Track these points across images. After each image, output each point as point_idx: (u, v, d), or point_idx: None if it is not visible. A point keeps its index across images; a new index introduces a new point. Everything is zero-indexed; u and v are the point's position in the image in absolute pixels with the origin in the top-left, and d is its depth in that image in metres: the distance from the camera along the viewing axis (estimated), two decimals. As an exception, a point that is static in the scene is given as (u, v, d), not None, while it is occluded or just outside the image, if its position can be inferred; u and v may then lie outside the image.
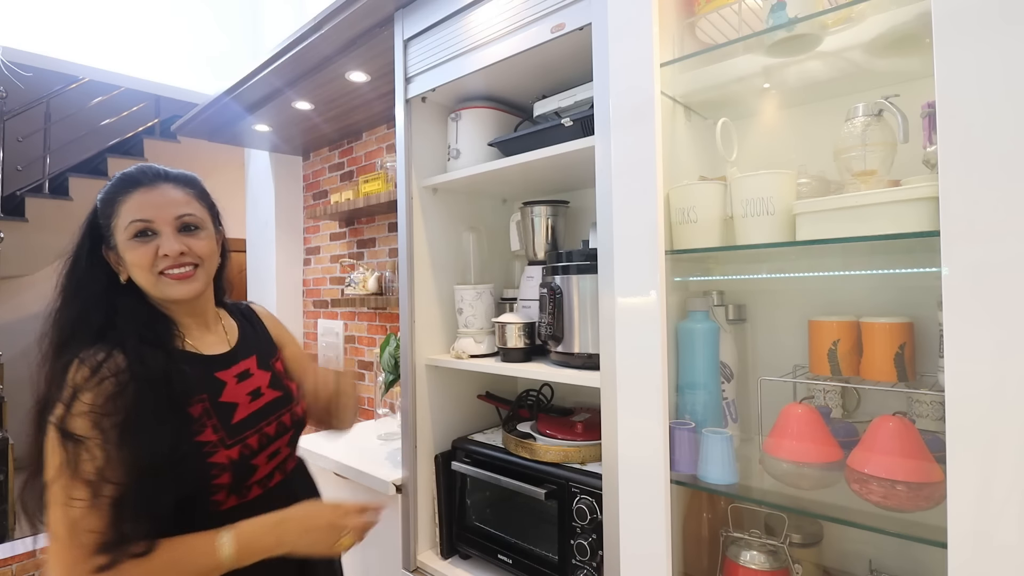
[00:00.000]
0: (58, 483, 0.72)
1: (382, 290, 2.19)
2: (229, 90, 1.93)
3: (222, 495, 0.84)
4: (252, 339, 1.01)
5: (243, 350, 0.97)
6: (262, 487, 0.90)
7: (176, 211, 0.86)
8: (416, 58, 1.32)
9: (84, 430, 0.73)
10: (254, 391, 0.93)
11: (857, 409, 1.00)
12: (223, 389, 0.89)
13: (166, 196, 0.86)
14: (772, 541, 0.92)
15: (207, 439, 0.83)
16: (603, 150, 0.94)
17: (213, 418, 0.85)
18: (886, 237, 0.72)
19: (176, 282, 0.85)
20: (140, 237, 0.83)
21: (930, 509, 0.70)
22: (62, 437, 0.73)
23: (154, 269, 0.84)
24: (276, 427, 0.93)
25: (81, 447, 0.72)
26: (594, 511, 1.02)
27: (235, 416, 0.88)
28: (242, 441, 0.86)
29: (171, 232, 0.85)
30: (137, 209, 0.84)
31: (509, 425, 1.29)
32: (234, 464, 0.84)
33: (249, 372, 0.94)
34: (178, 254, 0.84)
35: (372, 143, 2.38)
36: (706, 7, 0.94)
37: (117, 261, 0.85)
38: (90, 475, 0.72)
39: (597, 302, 0.95)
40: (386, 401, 2.09)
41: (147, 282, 0.85)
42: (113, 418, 0.74)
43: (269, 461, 0.91)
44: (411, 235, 1.35)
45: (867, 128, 0.79)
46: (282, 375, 1.02)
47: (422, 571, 1.31)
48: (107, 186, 0.87)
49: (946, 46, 0.62)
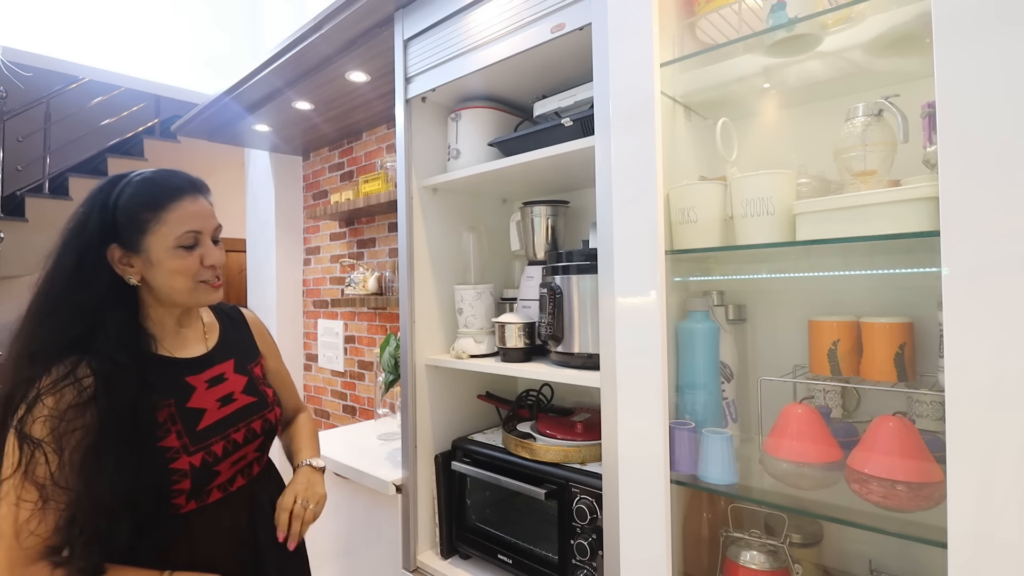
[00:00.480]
0: (10, 482, 0.72)
1: (382, 290, 2.19)
2: (229, 90, 1.93)
3: (181, 499, 0.83)
4: (233, 342, 1.01)
5: (220, 353, 0.96)
6: (223, 491, 0.90)
7: (215, 222, 0.90)
8: (416, 58, 1.32)
9: (41, 434, 0.73)
10: (225, 396, 0.92)
11: (857, 409, 1.00)
12: (191, 394, 0.88)
13: (206, 207, 0.89)
14: (772, 541, 0.92)
15: (170, 444, 0.82)
16: (603, 150, 0.94)
17: (178, 423, 0.84)
18: (886, 237, 0.72)
19: (212, 290, 0.90)
20: (188, 248, 0.85)
21: (930, 509, 0.70)
22: (19, 438, 0.73)
23: (197, 277, 0.87)
24: (245, 433, 0.93)
25: (37, 450, 0.72)
26: (594, 511, 1.02)
27: (201, 422, 0.87)
28: (206, 448, 0.86)
29: (210, 241, 0.88)
30: (189, 219, 0.85)
31: (509, 425, 1.29)
32: (195, 471, 0.84)
33: (223, 376, 0.94)
34: (222, 264, 0.89)
35: (372, 143, 2.38)
36: (706, 7, 0.94)
37: (128, 263, 0.84)
38: (42, 479, 0.72)
39: (597, 302, 0.95)
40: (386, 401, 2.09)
41: (183, 288, 0.86)
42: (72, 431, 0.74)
43: (233, 467, 0.91)
44: (411, 235, 1.35)
45: (867, 128, 0.79)
46: (260, 380, 1.01)
47: (422, 571, 1.31)
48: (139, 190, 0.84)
49: (946, 46, 0.62)
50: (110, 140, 4.79)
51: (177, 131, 2.37)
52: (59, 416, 0.74)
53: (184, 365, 0.90)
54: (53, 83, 4.24)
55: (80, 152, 4.79)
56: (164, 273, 0.84)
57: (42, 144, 4.47)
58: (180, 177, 0.88)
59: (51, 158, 4.47)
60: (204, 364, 0.93)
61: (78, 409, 0.74)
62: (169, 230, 0.83)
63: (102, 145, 4.80)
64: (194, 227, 0.86)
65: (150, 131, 4.83)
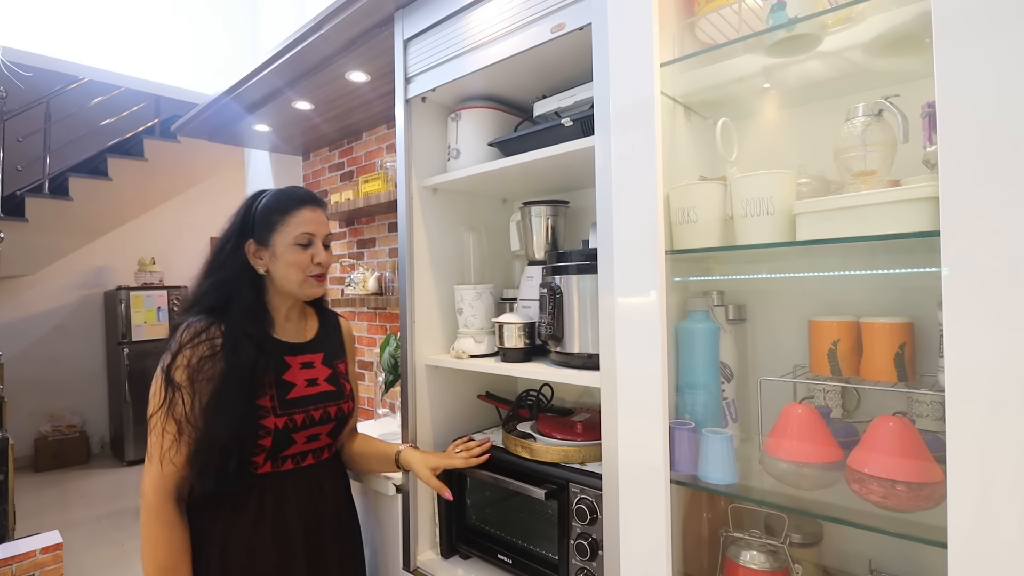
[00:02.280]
0: (157, 415, 0.95)
1: (382, 290, 2.19)
2: (229, 90, 1.93)
3: (260, 458, 1.03)
4: (325, 340, 1.21)
5: (315, 345, 1.17)
6: (294, 463, 1.08)
7: (327, 230, 1.13)
8: (416, 58, 1.32)
9: (180, 379, 0.96)
10: (311, 379, 1.12)
11: (857, 409, 1.00)
12: (287, 370, 1.09)
13: (321, 217, 1.12)
14: (772, 541, 0.92)
15: (264, 404, 1.03)
16: (603, 150, 0.94)
17: (273, 388, 1.05)
18: (886, 237, 0.72)
19: (317, 284, 1.12)
20: (303, 245, 1.08)
21: (930, 509, 0.70)
22: (165, 380, 0.96)
23: (307, 272, 1.09)
24: (321, 414, 1.11)
25: (177, 392, 0.95)
26: (594, 511, 1.02)
27: (290, 393, 1.07)
28: (289, 415, 1.06)
29: (321, 245, 1.10)
30: (307, 223, 1.08)
31: (509, 425, 1.29)
32: (277, 431, 1.03)
33: (313, 364, 1.15)
34: (328, 263, 1.11)
35: (372, 143, 2.38)
36: (706, 7, 0.94)
37: (259, 255, 1.08)
38: (179, 416, 0.94)
39: (597, 302, 0.95)
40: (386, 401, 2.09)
41: (296, 280, 1.08)
42: (203, 379, 0.96)
43: (307, 442, 1.09)
44: (411, 235, 1.35)
45: (867, 128, 0.79)
46: (341, 374, 1.20)
47: (422, 571, 1.31)
48: (273, 199, 1.09)
49: (946, 46, 0.62)
50: (110, 140, 4.79)
51: (177, 131, 2.36)
52: (194, 366, 0.96)
53: (287, 346, 1.12)
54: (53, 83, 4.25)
55: (80, 152, 4.80)
56: (283, 265, 1.07)
57: (42, 144, 4.47)
58: (304, 191, 1.13)
59: (51, 158, 4.48)
60: (301, 350, 1.14)
61: (210, 361, 0.97)
62: (291, 230, 1.07)
63: (102, 145, 4.80)
64: (309, 230, 1.08)
65: (150, 131, 4.83)
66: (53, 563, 1.97)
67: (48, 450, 4.28)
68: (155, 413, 0.95)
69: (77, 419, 4.53)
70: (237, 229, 1.08)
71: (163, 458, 0.94)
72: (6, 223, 4.07)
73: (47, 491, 3.84)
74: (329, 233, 1.13)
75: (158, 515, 0.95)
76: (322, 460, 1.14)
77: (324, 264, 1.10)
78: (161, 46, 3.14)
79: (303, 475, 1.09)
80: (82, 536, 3.07)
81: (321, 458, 1.14)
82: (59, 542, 1.99)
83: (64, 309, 4.67)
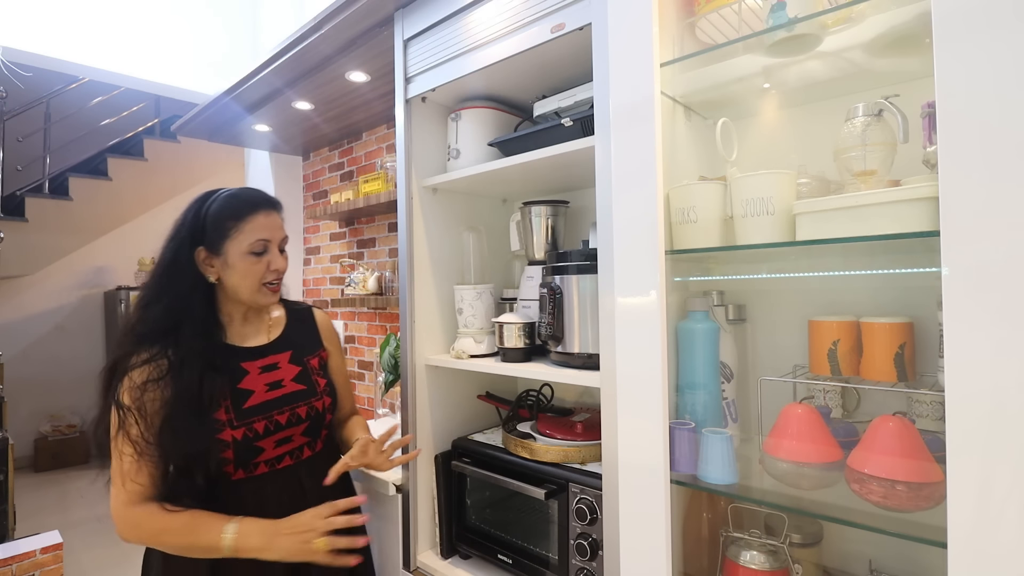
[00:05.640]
0: (115, 440, 0.92)
1: (382, 290, 2.18)
2: (229, 90, 1.93)
3: (230, 467, 0.98)
4: (294, 336, 1.15)
5: (279, 345, 1.11)
6: (269, 466, 1.03)
7: (283, 234, 1.06)
8: (416, 58, 1.32)
9: (128, 402, 0.92)
10: (274, 382, 1.06)
11: (857, 409, 1.00)
12: (243, 377, 1.03)
13: (276, 221, 1.05)
14: (772, 541, 0.92)
15: (219, 417, 0.98)
16: (603, 150, 0.94)
17: (227, 400, 0.99)
18: (886, 237, 0.72)
19: (271, 293, 1.05)
20: (257, 254, 1.01)
21: (930, 509, 0.70)
22: (115, 404, 0.92)
23: (262, 280, 1.03)
24: (288, 417, 1.05)
25: (128, 414, 0.91)
26: (594, 511, 1.02)
27: (247, 402, 1.01)
28: (248, 424, 1.00)
29: (277, 251, 1.05)
30: (261, 229, 1.02)
31: (509, 425, 1.29)
32: (236, 443, 0.98)
33: (276, 365, 1.08)
34: (284, 271, 1.05)
35: (372, 143, 2.38)
36: (706, 7, 0.94)
37: (209, 263, 1.01)
38: (135, 437, 0.91)
39: (597, 302, 0.95)
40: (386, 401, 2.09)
41: (250, 289, 1.02)
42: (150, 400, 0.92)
43: (278, 446, 1.03)
44: (411, 235, 1.35)
45: (867, 128, 0.79)
46: (313, 370, 1.14)
47: (422, 571, 1.31)
48: (225, 203, 1.02)
49: (946, 46, 0.62)
50: (110, 140, 4.79)
51: (177, 131, 2.36)
52: (140, 387, 0.92)
53: (243, 353, 1.06)
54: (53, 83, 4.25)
55: (80, 152, 4.80)
56: (237, 274, 1.01)
57: (42, 144, 4.47)
58: (259, 194, 1.06)
59: (51, 158, 4.48)
60: (261, 353, 1.08)
61: (155, 384, 0.93)
62: (244, 237, 1.00)
63: (102, 145, 4.80)
64: (264, 236, 1.02)
65: (150, 131, 4.83)
66: (53, 563, 1.97)
67: (48, 450, 4.28)
68: (113, 438, 0.92)
69: (77, 419, 4.53)
70: (187, 235, 1.00)
71: (125, 479, 0.91)
72: (6, 223, 4.07)
73: (47, 491, 3.84)
74: (285, 237, 1.07)
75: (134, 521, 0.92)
76: (302, 460, 1.08)
77: (280, 271, 1.05)
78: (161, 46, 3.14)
79: (281, 476, 1.04)
80: (82, 536, 3.07)
81: (301, 457, 1.08)
82: (59, 542, 1.99)
83: (64, 309, 4.67)
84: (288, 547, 0.94)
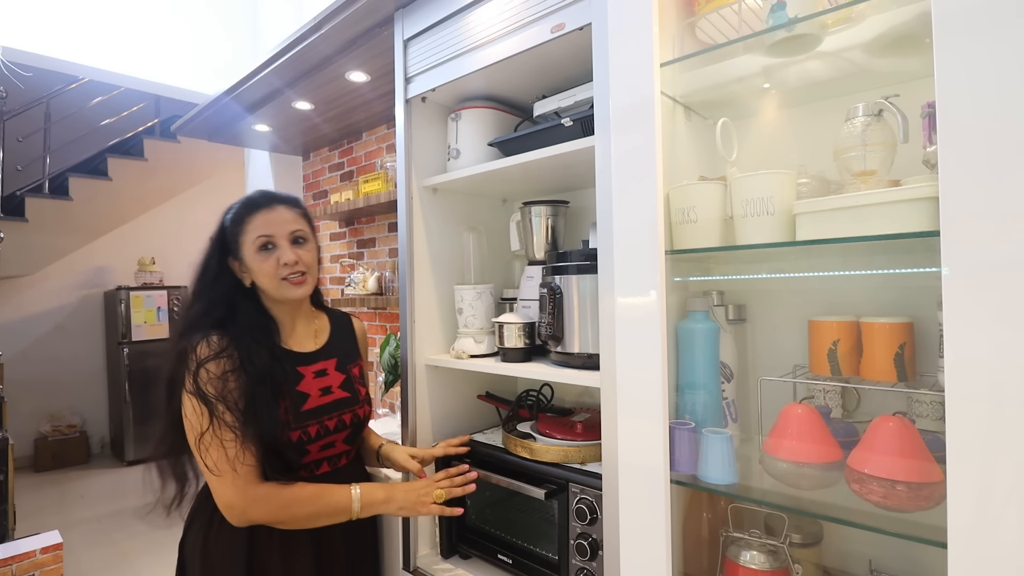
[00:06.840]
0: (208, 433, 0.92)
1: (382, 290, 2.19)
2: (229, 90, 1.93)
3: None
4: (338, 344, 1.18)
5: (327, 352, 1.14)
6: (308, 472, 1.06)
7: (289, 227, 1.06)
8: (416, 58, 1.32)
9: (214, 391, 0.94)
10: (325, 388, 1.10)
11: (857, 409, 1.00)
12: (300, 381, 1.07)
13: (281, 215, 1.06)
14: (772, 541, 0.92)
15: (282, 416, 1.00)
16: (603, 150, 0.94)
17: (287, 400, 1.02)
18: (886, 237, 0.72)
19: (294, 286, 1.05)
20: (264, 250, 1.03)
21: (930, 509, 0.70)
22: (199, 399, 0.93)
23: (278, 275, 1.03)
24: (336, 423, 1.09)
25: (217, 403, 0.93)
26: (594, 511, 1.02)
27: (304, 405, 1.05)
28: (303, 427, 1.03)
29: (287, 245, 1.05)
30: (261, 227, 1.03)
31: (509, 425, 1.29)
32: (291, 445, 1.01)
33: (326, 371, 1.12)
34: (293, 262, 1.03)
35: (372, 143, 2.38)
36: (706, 7, 0.94)
37: (241, 269, 1.05)
38: (231, 422, 0.93)
39: (597, 302, 0.95)
40: (386, 401, 2.09)
41: (271, 286, 1.04)
42: (232, 388, 0.95)
43: (322, 451, 1.07)
44: (411, 235, 1.35)
45: (867, 128, 0.79)
46: (355, 379, 1.17)
47: (422, 571, 1.31)
48: (234, 209, 1.06)
49: (946, 46, 0.62)
50: (110, 140, 4.79)
51: (177, 131, 2.37)
52: (220, 378, 0.95)
53: (298, 356, 1.09)
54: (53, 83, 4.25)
55: (80, 152, 4.80)
56: (256, 275, 1.04)
57: (42, 144, 4.47)
58: (262, 194, 1.08)
59: (51, 158, 4.47)
60: (313, 359, 1.11)
61: (233, 372, 0.96)
62: (249, 238, 1.03)
63: (102, 145, 4.80)
64: (265, 232, 1.03)
65: (150, 131, 4.83)
66: (53, 563, 1.97)
67: (48, 450, 4.28)
68: (204, 432, 0.92)
69: (77, 419, 4.53)
70: (217, 248, 1.06)
71: (235, 464, 0.93)
72: (6, 223, 4.07)
73: (47, 491, 3.84)
74: (297, 229, 1.06)
75: (260, 496, 0.95)
76: (339, 468, 1.11)
77: (291, 264, 1.03)
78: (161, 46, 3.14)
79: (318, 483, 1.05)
80: (82, 536, 3.07)
81: (338, 466, 1.11)
82: (59, 542, 1.99)
83: (64, 309, 4.67)
84: (407, 498, 1.05)
